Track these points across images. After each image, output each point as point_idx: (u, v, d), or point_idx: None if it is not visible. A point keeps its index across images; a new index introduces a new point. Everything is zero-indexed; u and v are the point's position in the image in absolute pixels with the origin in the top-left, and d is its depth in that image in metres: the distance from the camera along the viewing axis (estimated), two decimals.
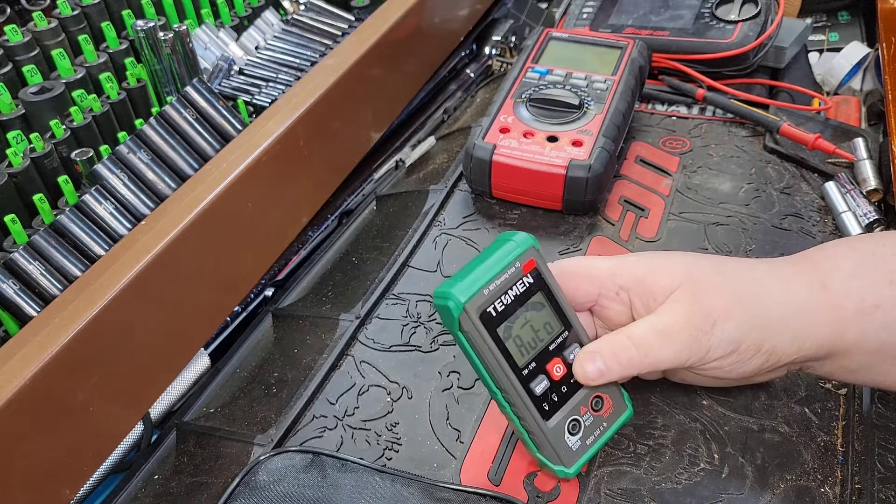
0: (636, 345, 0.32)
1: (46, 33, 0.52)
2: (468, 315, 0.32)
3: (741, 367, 0.33)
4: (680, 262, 0.34)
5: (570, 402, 0.34)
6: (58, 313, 0.37)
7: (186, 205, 0.43)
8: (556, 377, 0.34)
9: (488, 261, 0.33)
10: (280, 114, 0.50)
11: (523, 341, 0.33)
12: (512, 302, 0.33)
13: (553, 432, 0.33)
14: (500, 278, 0.32)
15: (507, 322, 0.32)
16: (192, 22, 0.63)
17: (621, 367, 0.33)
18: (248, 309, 0.53)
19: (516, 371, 0.33)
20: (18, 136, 0.47)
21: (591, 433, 0.34)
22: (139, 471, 0.41)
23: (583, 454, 0.34)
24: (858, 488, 0.35)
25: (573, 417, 0.34)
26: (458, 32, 0.73)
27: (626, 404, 0.36)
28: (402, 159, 0.65)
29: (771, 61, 0.66)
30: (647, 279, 0.33)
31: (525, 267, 0.33)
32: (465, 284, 0.32)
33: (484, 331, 0.32)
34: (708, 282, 0.33)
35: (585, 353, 0.34)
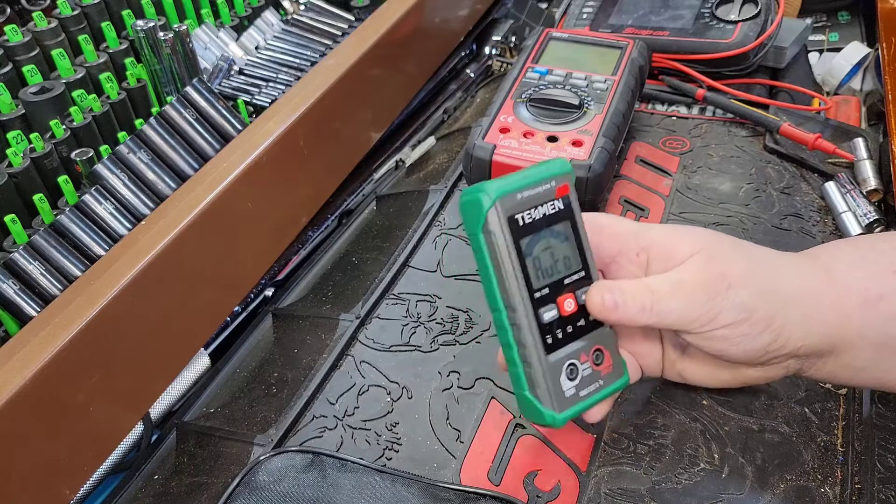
0: (651, 290, 0.32)
1: (46, 33, 0.52)
2: (497, 214, 0.30)
3: (749, 341, 0.32)
4: (701, 231, 0.34)
5: (573, 343, 0.33)
6: (58, 313, 0.37)
7: (186, 205, 0.43)
8: (566, 312, 0.32)
9: (526, 171, 0.32)
10: (280, 114, 0.50)
11: (542, 265, 0.32)
12: (540, 219, 0.32)
13: (551, 369, 0.32)
14: (535, 189, 0.31)
15: (530, 238, 0.31)
16: (192, 22, 0.63)
17: (635, 306, 0.32)
18: (249, 309, 0.53)
19: (530, 291, 0.31)
20: (18, 136, 0.47)
21: (587, 386, 0.33)
22: (139, 471, 0.41)
23: (574, 404, 0.33)
24: (858, 488, 0.35)
25: (572, 362, 0.33)
26: (458, 32, 0.73)
27: (623, 371, 0.35)
28: (402, 159, 0.65)
29: (771, 61, 0.66)
30: (668, 242, 0.33)
31: (560, 190, 0.32)
32: (500, 182, 0.31)
33: (509, 237, 0.31)
34: (726, 250, 0.33)
35: (604, 284, 0.33)
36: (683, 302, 0.32)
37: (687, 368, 0.37)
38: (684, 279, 0.32)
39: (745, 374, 0.36)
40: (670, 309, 0.32)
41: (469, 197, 0.31)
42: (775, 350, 0.33)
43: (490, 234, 0.31)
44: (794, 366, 0.34)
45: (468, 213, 0.31)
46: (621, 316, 0.32)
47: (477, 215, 0.31)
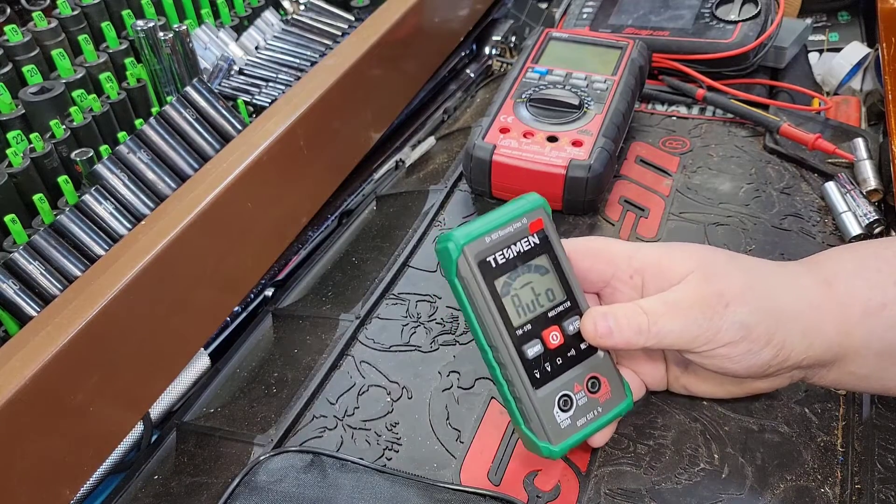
0: (646, 312, 0.32)
1: (46, 33, 0.52)
2: (466, 260, 0.31)
3: (750, 358, 0.32)
4: (695, 249, 0.34)
5: (563, 375, 0.33)
6: (58, 313, 0.37)
7: (186, 205, 0.43)
8: (552, 345, 0.32)
9: (496, 213, 0.32)
10: (280, 114, 0.50)
11: (521, 301, 0.32)
12: (514, 258, 0.32)
13: (542, 403, 0.32)
14: (505, 230, 0.32)
15: (506, 277, 0.32)
16: (192, 22, 0.63)
17: (630, 330, 0.31)
18: (248, 309, 0.53)
19: (510, 330, 0.31)
20: (18, 136, 0.47)
21: (584, 415, 0.33)
22: (139, 471, 0.41)
23: (571, 434, 0.32)
24: (858, 488, 0.35)
25: (565, 393, 0.32)
26: (458, 32, 0.73)
27: (625, 394, 0.34)
28: (402, 159, 0.65)
29: (771, 61, 0.66)
30: (662, 262, 0.33)
31: (532, 225, 0.32)
32: (468, 229, 0.31)
33: (481, 280, 0.31)
34: (722, 268, 0.33)
35: (596, 310, 0.33)
36: (681, 322, 0.31)
37: (691, 383, 0.37)
38: (680, 299, 0.32)
39: (751, 386, 0.36)
40: (668, 330, 0.31)
41: (440, 245, 0.31)
42: (778, 364, 0.32)
43: (463, 280, 0.31)
44: (798, 375, 0.34)
45: (442, 259, 0.32)
46: (617, 341, 0.32)
47: (448, 262, 0.31)
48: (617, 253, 0.34)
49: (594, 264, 0.34)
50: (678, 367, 0.37)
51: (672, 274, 0.33)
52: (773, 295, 0.32)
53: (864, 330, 0.32)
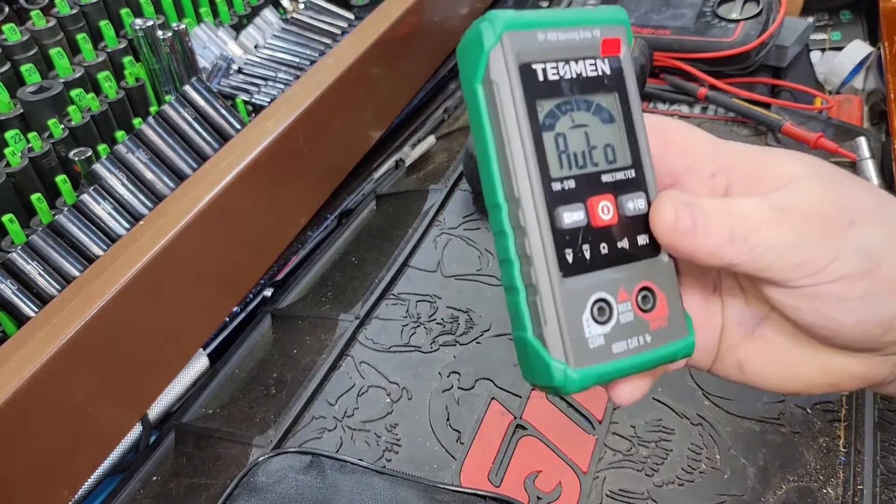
0: (745, 214, 0.22)
1: (45, 32, 0.52)
2: (504, 55, 0.20)
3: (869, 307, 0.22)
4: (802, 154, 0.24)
5: (607, 270, 0.22)
6: (56, 314, 0.37)
7: (185, 204, 0.43)
8: (600, 221, 0.22)
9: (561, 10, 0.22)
10: (279, 113, 0.50)
11: (569, 147, 0.22)
12: (572, 79, 0.22)
13: (567, 298, 0.21)
14: (568, 34, 0.22)
15: (555, 103, 0.21)
16: (191, 20, 0.62)
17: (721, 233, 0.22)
18: (248, 309, 0.53)
19: (544, 178, 0.21)
20: (17, 136, 0.46)
21: (625, 338, 0.22)
22: (138, 472, 0.41)
23: (600, 361, 0.21)
24: (861, 489, 0.35)
25: (604, 296, 0.22)
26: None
27: (686, 328, 0.23)
28: (401, 158, 0.65)
29: (773, 60, 0.65)
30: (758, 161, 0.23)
31: (606, 44, 0.22)
32: (517, 13, 0.21)
33: (519, 91, 0.21)
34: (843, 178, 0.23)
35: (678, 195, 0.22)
36: (790, 234, 0.22)
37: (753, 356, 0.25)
38: (791, 205, 0.22)
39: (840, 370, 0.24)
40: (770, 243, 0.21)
41: (470, 31, 0.21)
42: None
43: (493, 87, 0.21)
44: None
45: (467, 54, 0.21)
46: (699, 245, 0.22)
47: (475, 57, 0.21)
48: (696, 141, 0.24)
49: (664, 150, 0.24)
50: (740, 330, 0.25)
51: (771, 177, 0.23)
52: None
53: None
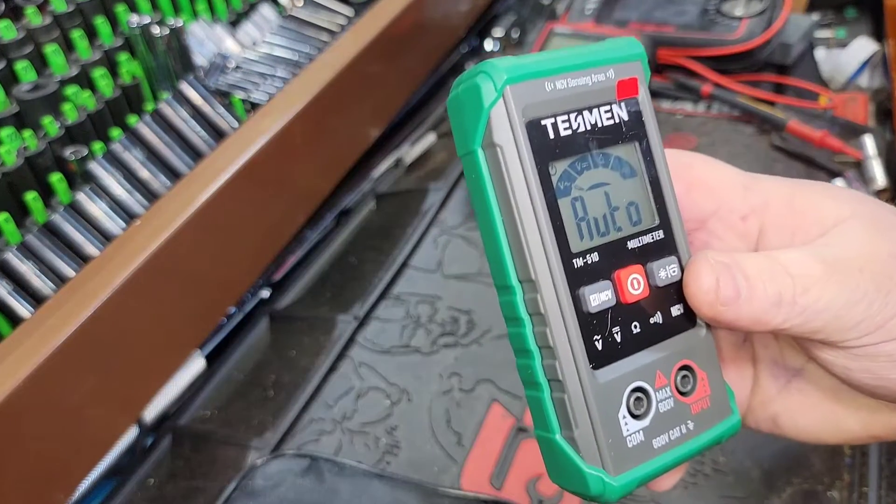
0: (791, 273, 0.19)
1: (40, 29, 0.51)
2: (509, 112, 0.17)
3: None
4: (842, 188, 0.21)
5: (641, 353, 0.19)
6: (51, 315, 0.36)
7: (181, 203, 0.43)
8: (629, 298, 0.19)
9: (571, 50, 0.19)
10: (277, 111, 0.50)
11: (588, 212, 0.19)
12: (586, 132, 0.18)
13: (601, 395, 0.18)
14: (579, 79, 0.18)
15: (568, 162, 0.18)
16: (188, 17, 0.62)
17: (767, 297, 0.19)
18: (245, 310, 0.52)
19: (564, 253, 0.18)
20: (12, 134, 0.46)
21: (666, 430, 0.19)
22: (134, 475, 0.41)
23: (642, 462, 0.19)
24: (866, 492, 0.35)
25: (640, 384, 0.19)
26: (459, 27, 0.72)
27: (730, 407, 0.21)
28: (401, 157, 0.64)
29: (777, 58, 0.65)
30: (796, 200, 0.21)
31: (622, 86, 0.19)
32: (519, 61, 0.18)
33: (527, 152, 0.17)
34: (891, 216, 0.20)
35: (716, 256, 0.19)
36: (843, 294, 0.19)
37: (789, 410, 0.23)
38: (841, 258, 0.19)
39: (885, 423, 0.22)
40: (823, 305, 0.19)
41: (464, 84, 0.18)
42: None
43: (496, 150, 0.17)
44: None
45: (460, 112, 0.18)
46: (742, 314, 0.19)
47: (474, 116, 0.18)
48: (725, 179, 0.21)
49: (688, 191, 0.21)
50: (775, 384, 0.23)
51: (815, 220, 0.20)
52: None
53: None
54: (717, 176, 0.21)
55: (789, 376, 0.23)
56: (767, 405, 0.23)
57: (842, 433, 0.23)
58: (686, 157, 0.22)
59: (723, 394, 0.20)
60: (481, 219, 0.19)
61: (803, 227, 0.20)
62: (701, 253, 0.20)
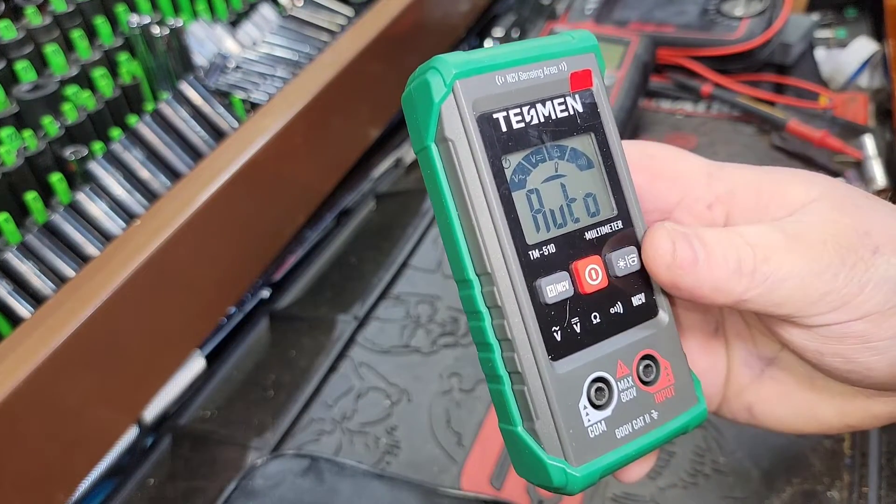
0: (751, 243, 0.19)
1: (40, 30, 0.51)
2: (458, 105, 0.17)
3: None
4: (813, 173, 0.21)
5: (601, 343, 0.19)
6: (51, 315, 0.36)
7: (181, 203, 0.43)
8: (588, 287, 0.19)
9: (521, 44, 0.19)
10: (277, 110, 0.50)
11: (544, 204, 0.19)
12: (540, 125, 0.18)
13: (560, 387, 0.18)
14: (530, 72, 0.18)
15: (522, 154, 0.18)
16: (188, 17, 0.62)
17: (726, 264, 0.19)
18: (245, 310, 0.52)
19: (519, 248, 0.18)
20: (12, 134, 0.46)
21: (629, 419, 0.19)
22: (133, 475, 0.41)
23: (605, 452, 0.19)
24: (866, 492, 0.35)
25: (601, 374, 0.19)
26: (459, 27, 0.72)
27: (696, 396, 0.20)
28: (401, 157, 0.64)
29: (777, 58, 0.65)
30: (763, 186, 0.20)
31: (575, 78, 0.19)
32: (469, 56, 0.18)
33: (480, 147, 0.17)
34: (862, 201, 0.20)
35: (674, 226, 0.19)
36: (806, 263, 0.18)
37: (764, 400, 0.22)
38: (805, 232, 0.19)
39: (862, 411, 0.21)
40: (785, 272, 0.18)
41: (416, 80, 0.18)
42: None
43: (448, 146, 0.17)
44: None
45: (415, 108, 0.18)
46: (702, 280, 0.19)
47: (425, 112, 0.18)
48: (689, 168, 0.21)
49: (652, 182, 0.21)
50: (748, 372, 0.23)
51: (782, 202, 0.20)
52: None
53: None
54: (681, 166, 0.21)
55: (763, 365, 0.23)
56: (742, 395, 0.23)
57: (817, 422, 0.22)
58: (649, 147, 0.21)
59: (688, 382, 0.20)
60: (438, 214, 0.19)
61: (770, 211, 0.20)
62: (659, 222, 0.20)
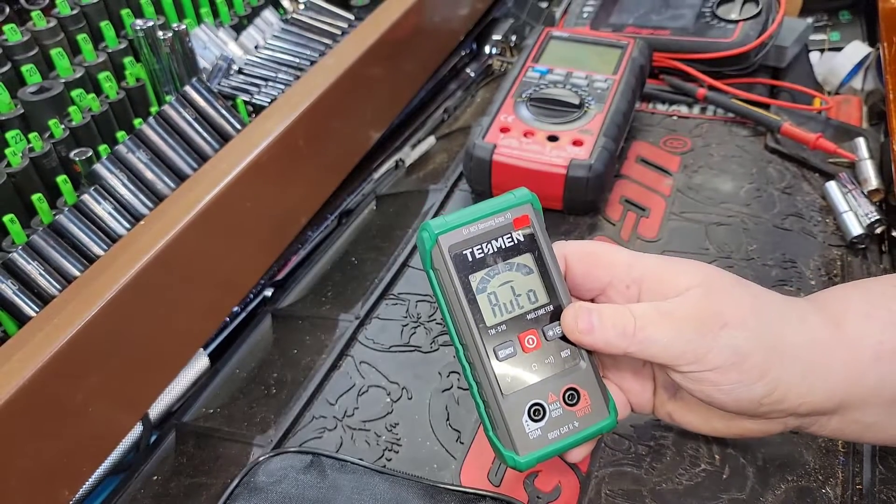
0: (635, 315, 0.29)
1: (45, 32, 0.52)
2: (440, 250, 0.30)
3: (740, 391, 0.29)
4: (701, 266, 0.31)
5: (538, 383, 0.30)
6: (56, 314, 0.37)
7: (185, 205, 0.43)
8: (528, 349, 0.31)
9: (481, 205, 0.31)
10: (279, 113, 0.50)
11: (499, 300, 0.30)
12: (494, 253, 0.30)
13: (510, 409, 0.30)
14: (485, 223, 0.30)
15: (484, 273, 0.30)
16: (192, 21, 0.63)
17: (614, 330, 0.29)
18: (248, 309, 0.53)
19: (482, 329, 0.30)
20: (17, 136, 0.47)
21: (557, 427, 0.30)
22: (138, 472, 0.41)
23: (540, 447, 0.30)
24: (860, 489, 0.35)
25: (537, 401, 0.30)
26: (459, 31, 0.73)
27: (608, 411, 0.31)
28: (401, 159, 0.65)
29: (772, 61, 0.65)
30: (662, 274, 0.31)
31: (517, 222, 0.31)
32: (446, 219, 0.30)
33: (454, 273, 0.30)
34: (727, 289, 0.30)
35: (582, 305, 0.30)
36: (670, 333, 0.29)
37: (677, 411, 0.33)
38: (674, 310, 0.29)
39: (740, 426, 0.32)
40: (654, 339, 0.29)
41: (419, 234, 0.31)
42: (770, 404, 0.29)
43: (437, 272, 0.30)
44: (793, 423, 0.31)
45: (419, 249, 0.31)
46: (597, 340, 0.30)
47: (423, 252, 0.30)
48: (616, 260, 0.32)
49: (591, 269, 0.32)
50: (665, 392, 0.34)
51: (671, 286, 0.30)
52: (777, 327, 0.29)
53: (875, 376, 0.29)
54: (612, 257, 0.32)
55: (674, 390, 0.33)
56: (664, 405, 0.34)
57: (714, 429, 0.33)
58: (593, 245, 0.32)
59: (602, 403, 0.31)
60: (439, 307, 0.31)
61: (664, 292, 0.30)
62: (570, 304, 0.31)
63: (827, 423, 0.31)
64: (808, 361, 0.29)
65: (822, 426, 0.31)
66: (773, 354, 0.29)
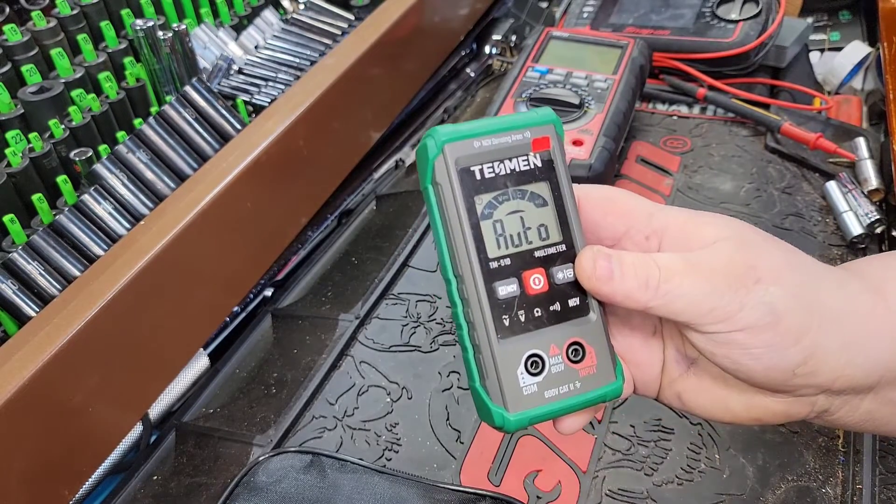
0: (660, 266, 0.25)
1: (45, 33, 0.52)
2: (445, 161, 0.25)
3: (773, 356, 0.25)
4: (730, 219, 0.27)
5: (539, 331, 0.26)
6: (56, 314, 0.37)
7: (185, 205, 0.43)
8: (532, 290, 0.26)
9: (497, 118, 0.27)
10: (279, 113, 0.50)
11: (505, 230, 0.26)
12: (506, 175, 0.26)
13: (504, 357, 0.26)
14: (500, 138, 0.26)
15: (492, 196, 0.26)
16: (192, 21, 0.63)
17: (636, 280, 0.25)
18: (248, 309, 0.53)
19: (482, 260, 0.26)
20: (17, 136, 0.47)
21: (556, 385, 0.26)
22: (138, 471, 0.41)
23: (534, 406, 0.26)
24: (859, 489, 0.35)
25: (537, 352, 0.26)
26: (459, 32, 0.73)
27: (615, 375, 0.27)
28: (401, 159, 0.65)
29: (772, 61, 0.65)
30: (687, 225, 0.27)
31: (536, 143, 0.27)
32: (456, 128, 0.26)
33: (458, 191, 0.25)
34: (759, 243, 0.26)
35: (600, 248, 0.26)
36: (699, 285, 0.25)
37: (689, 391, 0.29)
38: (704, 261, 0.26)
39: (762, 407, 0.28)
40: (681, 292, 0.25)
41: (421, 142, 0.26)
42: (805, 375, 0.26)
43: (438, 187, 0.26)
44: (822, 404, 0.27)
45: (420, 161, 0.26)
46: (616, 290, 0.25)
47: (424, 163, 0.26)
48: (635, 207, 0.28)
49: (606, 216, 0.28)
50: (677, 367, 0.29)
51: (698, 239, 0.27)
52: (815, 288, 0.26)
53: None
54: (631, 205, 0.28)
55: (688, 364, 0.29)
56: (673, 385, 0.29)
57: (729, 413, 0.28)
58: (610, 191, 0.29)
59: (609, 365, 0.27)
60: (433, 232, 0.27)
61: (690, 243, 0.27)
62: (588, 246, 0.27)
63: (859, 404, 0.27)
64: (849, 330, 0.26)
65: (852, 409, 0.27)
66: (811, 317, 0.25)
